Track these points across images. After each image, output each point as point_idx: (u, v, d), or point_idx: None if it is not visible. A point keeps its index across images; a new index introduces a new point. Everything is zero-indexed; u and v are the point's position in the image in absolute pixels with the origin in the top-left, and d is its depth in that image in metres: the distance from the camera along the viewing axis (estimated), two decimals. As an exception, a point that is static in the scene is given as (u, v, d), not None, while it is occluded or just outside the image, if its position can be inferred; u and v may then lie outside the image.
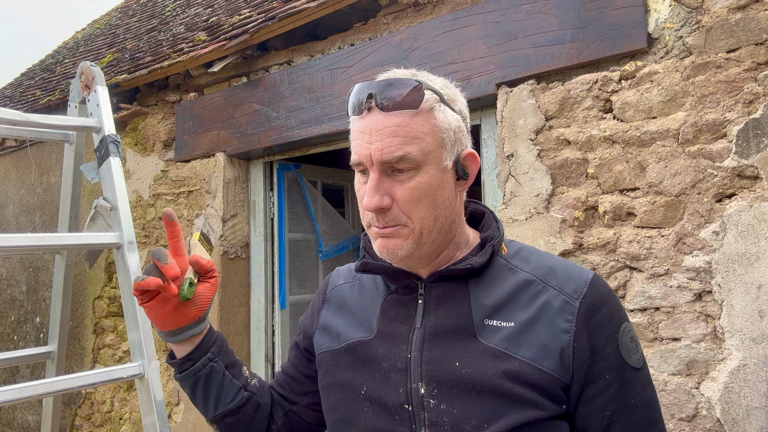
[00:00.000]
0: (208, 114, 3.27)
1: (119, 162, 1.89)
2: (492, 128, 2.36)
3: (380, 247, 0.92)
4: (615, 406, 0.89)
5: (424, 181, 0.90)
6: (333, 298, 1.12)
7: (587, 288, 0.92)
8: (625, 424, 0.89)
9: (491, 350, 0.89)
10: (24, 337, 4.34)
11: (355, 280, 1.11)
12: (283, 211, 3.34)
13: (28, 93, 5.08)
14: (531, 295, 0.92)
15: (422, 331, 0.93)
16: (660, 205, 1.84)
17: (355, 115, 0.92)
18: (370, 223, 0.93)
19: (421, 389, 0.90)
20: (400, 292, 1.00)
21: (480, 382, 0.88)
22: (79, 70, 2.02)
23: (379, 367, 0.96)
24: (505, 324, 0.91)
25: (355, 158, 0.91)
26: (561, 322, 0.89)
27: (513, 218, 2.14)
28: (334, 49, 2.81)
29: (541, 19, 2.10)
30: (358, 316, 1.04)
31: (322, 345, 1.07)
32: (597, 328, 0.90)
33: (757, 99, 1.70)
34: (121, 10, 6.60)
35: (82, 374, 1.59)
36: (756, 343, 1.67)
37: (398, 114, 0.88)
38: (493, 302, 0.93)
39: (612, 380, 0.89)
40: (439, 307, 0.95)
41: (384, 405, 0.93)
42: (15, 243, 1.61)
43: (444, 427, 0.88)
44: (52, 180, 4.22)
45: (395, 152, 0.87)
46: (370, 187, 0.88)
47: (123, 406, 3.68)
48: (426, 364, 0.91)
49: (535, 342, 0.88)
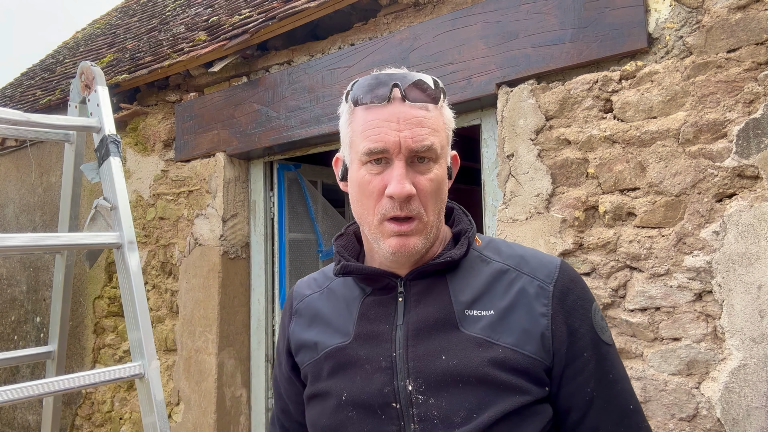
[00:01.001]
0: (209, 114, 3.27)
1: (119, 162, 1.89)
2: (492, 128, 2.36)
3: (396, 246, 0.91)
4: (594, 382, 0.93)
5: (439, 174, 0.93)
6: (302, 310, 1.08)
7: (558, 272, 0.96)
8: (606, 398, 0.93)
9: (474, 339, 0.91)
10: (24, 336, 4.34)
11: (323, 289, 1.08)
12: (283, 211, 3.34)
13: (28, 93, 5.08)
14: (506, 283, 0.96)
15: (405, 329, 0.94)
16: (660, 205, 1.84)
17: (371, 105, 0.92)
18: (385, 214, 0.90)
19: (409, 386, 0.91)
20: (377, 293, 0.99)
21: (467, 373, 0.89)
22: (79, 70, 2.02)
23: (361, 369, 0.94)
24: (485, 313, 0.93)
25: (379, 146, 0.89)
26: (538, 306, 0.93)
27: (513, 218, 2.14)
28: (335, 49, 2.81)
29: (541, 19, 2.10)
30: (333, 323, 1.01)
31: (303, 360, 1.04)
32: (572, 309, 0.94)
33: (757, 99, 1.70)
34: (122, 10, 6.60)
35: (83, 374, 1.59)
36: (756, 343, 1.67)
37: (422, 107, 0.91)
38: (471, 293, 0.95)
39: (590, 357, 0.93)
40: (419, 303, 0.96)
41: (369, 407, 0.92)
42: (15, 243, 1.61)
43: (433, 421, 0.89)
44: (53, 180, 4.22)
45: (424, 141, 0.90)
46: (399, 174, 0.89)
47: (123, 406, 3.68)
48: (412, 361, 0.91)
49: (516, 328, 0.91)
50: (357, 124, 0.94)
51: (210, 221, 3.23)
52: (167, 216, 3.49)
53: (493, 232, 2.31)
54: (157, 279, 3.51)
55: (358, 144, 0.92)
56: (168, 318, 3.44)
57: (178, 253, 3.39)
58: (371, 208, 0.92)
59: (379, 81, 0.92)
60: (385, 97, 0.91)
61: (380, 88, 0.91)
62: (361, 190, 0.93)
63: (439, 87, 0.94)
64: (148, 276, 3.55)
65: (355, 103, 0.94)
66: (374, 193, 0.91)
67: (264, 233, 3.27)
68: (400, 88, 0.91)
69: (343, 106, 1.00)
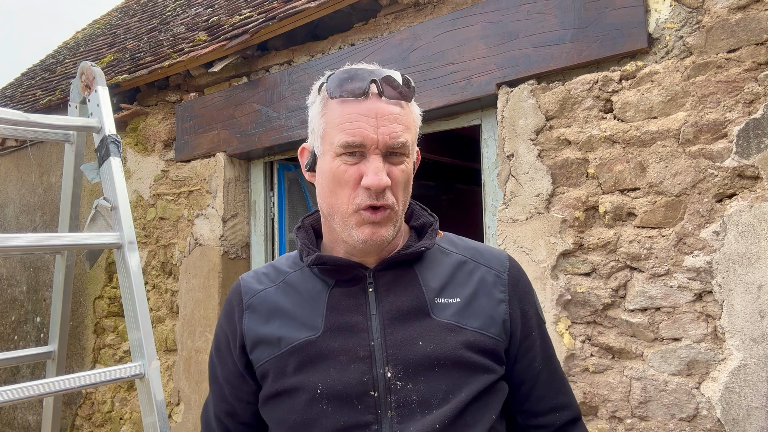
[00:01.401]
0: (209, 114, 3.27)
1: (120, 162, 1.89)
2: (492, 128, 2.36)
3: (369, 234, 0.94)
4: (541, 357, 1.06)
5: (408, 168, 0.98)
6: (257, 305, 1.04)
7: (509, 263, 1.08)
8: (549, 371, 1.07)
9: (446, 325, 0.97)
10: (24, 337, 4.34)
11: (278, 283, 1.05)
12: (283, 211, 3.34)
13: (28, 93, 5.08)
14: (467, 273, 1.04)
15: (379, 318, 0.97)
16: (660, 205, 1.84)
17: (347, 99, 0.94)
18: (360, 204, 0.93)
19: (388, 373, 0.94)
20: (344, 285, 1.01)
21: (444, 357, 0.95)
22: (79, 70, 2.02)
23: (335, 361, 0.95)
24: (453, 300, 1.00)
25: (357, 140, 0.91)
26: (497, 293, 1.03)
27: (513, 218, 2.14)
28: (335, 49, 2.81)
29: (541, 19, 2.10)
30: (297, 317, 1.00)
31: (261, 357, 1.00)
32: (522, 294, 1.07)
33: (757, 99, 1.70)
34: (122, 10, 6.60)
35: (83, 374, 1.59)
36: (756, 343, 1.67)
37: (396, 103, 0.94)
38: (439, 282, 1.02)
39: (536, 336, 1.07)
40: (390, 292, 0.99)
41: (345, 398, 0.93)
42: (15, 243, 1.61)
43: (411, 405, 0.93)
44: (53, 180, 4.22)
45: (400, 138, 0.93)
46: (376, 167, 0.91)
47: (123, 406, 3.68)
48: (390, 348, 0.95)
49: (481, 313, 1.00)
50: (332, 117, 0.95)
51: (210, 221, 3.24)
52: (167, 216, 3.49)
53: (494, 232, 2.31)
54: (158, 279, 3.51)
55: (334, 136, 0.94)
56: (168, 318, 3.44)
57: (179, 253, 3.39)
58: (345, 198, 0.94)
59: (357, 75, 0.94)
60: (363, 91, 0.92)
61: (357, 83, 0.93)
62: (336, 179, 0.95)
63: (410, 85, 0.97)
64: (149, 276, 3.55)
65: (330, 95, 0.96)
66: (350, 183, 0.93)
67: (264, 233, 3.27)
68: (378, 84, 0.93)
69: (314, 96, 1.01)
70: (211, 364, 1.12)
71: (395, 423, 0.92)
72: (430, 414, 0.93)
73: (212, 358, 1.12)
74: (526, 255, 2.09)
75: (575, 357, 1.98)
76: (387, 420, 0.93)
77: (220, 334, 1.09)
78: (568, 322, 2.00)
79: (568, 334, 2.00)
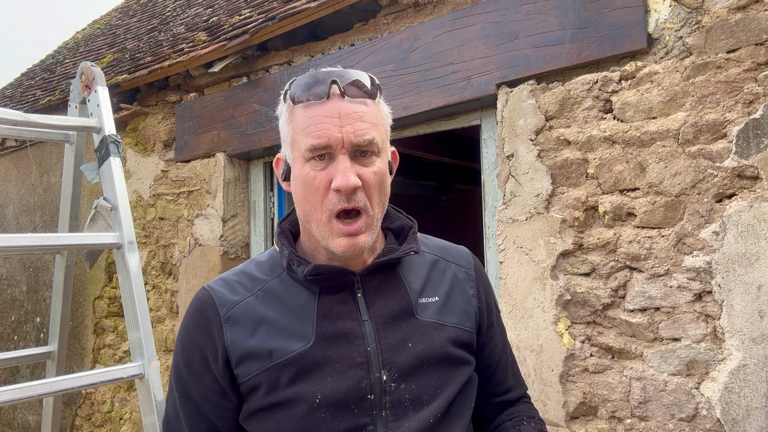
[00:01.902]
0: (209, 114, 3.27)
1: (119, 162, 1.89)
2: (492, 128, 2.36)
3: (346, 246, 0.93)
4: (501, 344, 1.16)
5: (382, 167, 0.96)
6: (238, 316, 0.98)
7: (473, 260, 1.16)
8: (506, 355, 1.18)
9: (430, 324, 1.02)
10: (24, 337, 4.34)
11: (256, 292, 1.01)
12: (283, 211, 3.34)
13: (28, 93, 5.08)
14: (440, 271, 1.09)
15: (371, 323, 0.99)
16: (660, 206, 1.85)
17: (310, 102, 0.93)
18: (333, 209, 0.92)
19: (384, 376, 0.96)
20: (330, 292, 1.00)
21: (431, 355, 0.99)
22: (79, 70, 2.02)
23: (331, 369, 0.95)
24: (432, 299, 1.05)
25: (322, 141, 0.91)
26: (468, 289, 1.10)
27: (513, 218, 2.14)
28: (335, 49, 2.81)
29: (541, 20, 2.10)
30: (285, 327, 0.97)
31: (249, 370, 0.96)
32: (485, 287, 1.14)
33: (757, 99, 1.70)
34: (122, 10, 6.60)
35: (83, 374, 1.59)
36: (756, 343, 1.67)
37: (360, 102, 0.94)
38: (419, 283, 1.05)
39: (497, 326, 1.16)
40: (378, 296, 1.01)
41: (343, 404, 0.94)
42: (15, 243, 1.61)
43: (405, 404, 0.96)
44: (53, 180, 4.22)
45: (366, 135, 0.92)
46: (344, 167, 0.91)
47: (123, 406, 3.68)
48: (385, 352, 0.97)
49: (457, 309, 1.06)
50: (298, 122, 0.95)
51: (210, 221, 3.24)
52: (167, 216, 3.49)
53: (494, 232, 2.31)
54: (157, 279, 3.51)
55: (301, 141, 0.94)
56: (168, 318, 3.44)
57: (178, 253, 3.39)
58: (318, 204, 0.94)
59: (317, 78, 0.94)
60: (325, 93, 0.92)
61: (319, 86, 0.93)
62: (307, 186, 0.94)
63: (375, 83, 0.97)
64: (148, 276, 3.55)
65: (294, 101, 0.96)
66: (320, 189, 0.93)
67: (264, 233, 3.27)
68: (339, 85, 0.93)
69: (281, 105, 1.01)
70: (178, 381, 1.02)
71: (390, 422, 0.95)
72: (422, 410, 0.96)
73: (180, 375, 1.02)
74: (525, 255, 2.09)
75: (575, 357, 1.98)
76: (381, 420, 0.95)
77: (192, 348, 1.00)
78: (568, 322, 2.01)
79: (568, 334, 2.00)
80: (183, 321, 1.04)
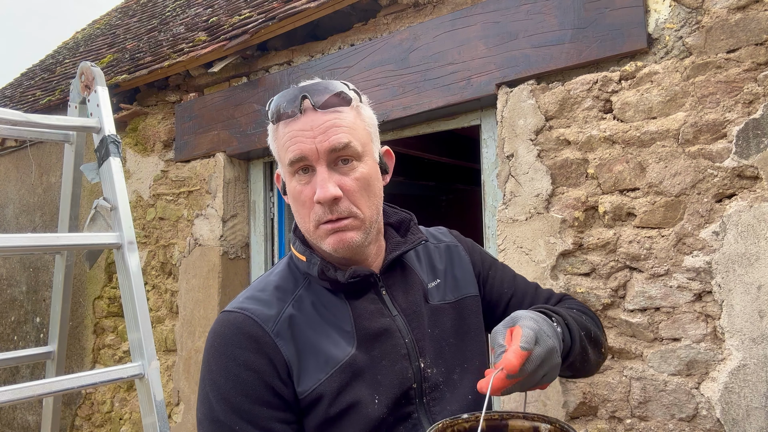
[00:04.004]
0: (208, 114, 3.27)
1: (119, 162, 1.89)
2: (492, 128, 2.36)
3: (334, 242, 0.96)
4: (510, 275, 1.22)
5: (365, 171, 0.98)
6: (284, 330, 0.95)
7: (449, 232, 1.25)
8: (521, 278, 1.23)
9: (439, 307, 1.08)
10: (24, 337, 4.34)
11: (291, 302, 1.00)
12: (283, 211, 3.34)
13: (28, 93, 5.08)
14: (435, 254, 1.17)
15: (402, 317, 1.03)
16: (660, 206, 1.84)
17: (287, 119, 0.97)
18: (319, 220, 0.96)
19: (421, 364, 1.01)
20: (357, 294, 1.02)
21: (449, 335, 1.06)
22: (79, 70, 2.02)
23: (381, 367, 0.98)
24: (435, 283, 1.11)
25: (296, 155, 0.94)
26: (461, 255, 1.18)
27: (513, 218, 2.14)
28: (334, 49, 2.81)
29: (541, 20, 2.10)
30: (329, 334, 0.97)
31: (309, 383, 0.93)
32: (470, 246, 1.24)
33: (757, 99, 1.70)
34: (121, 10, 6.60)
35: (82, 374, 1.59)
36: (756, 343, 1.67)
37: (333, 111, 0.96)
38: (425, 270, 1.12)
39: (496, 267, 1.22)
40: (399, 290, 1.06)
41: (396, 400, 0.97)
42: (15, 243, 1.61)
43: (440, 387, 1.02)
44: (52, 180, 4.22)
45: (341, 139, 0.94)
46: (321, 179, 0.93)
47: (123, 407, 3.68)
48: (419, 342, 1.03)
49: (458, 280, 1.14)
50: (280, 139, 0.99)
51: (210, 221, 3.24)
52: (167, 216, 3.49)
53: (493, 232, 2.31)
54: (157, 279, 3.51)
55: (284, 157, 0.97)
56: (168, 318, 3.44)
57: (178, 253, 3.39)
58: (306, 216, 0.98)
59: (290, 95, 0.97)
60: (297, 109, 0.95)
61: (292, 102, 0.96)
62: (295, 200, 0.99)
63: (349, 88, 1.00)
64: (148, 276, 3.55)
65: (274, 121, 1.00)
66: (306, 203, 0.96)
67: (264, 233, 3.27)
68: (309, 98, 0.95)
69: (269, 125, 1.04)
70: (229, 424, 0.90)
71: (431, 407, 1.00)
72: (456, 390, 1.03)
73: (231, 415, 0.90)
74: (525, 255, 2.09)
75: (575, 357, 1.98)
76: (423, 406, 1.00)
77: (243, 374, 0.91)
78: (568, 323, 2.00)
79: (568, 334, 2.00)
80: (215, 351, 0.95)
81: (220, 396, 0.92)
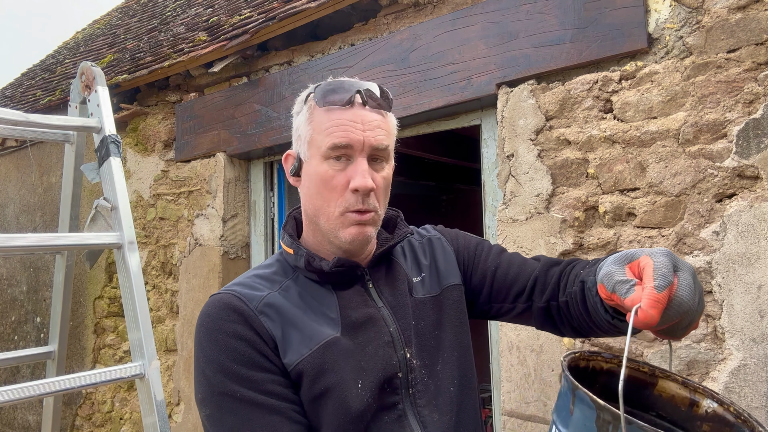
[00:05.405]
0: (209, 114, 3.27)
1: (120, 162, 1.89)
2: (492, 128, 2.36)
3: (356, 232, 1.01)
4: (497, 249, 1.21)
5: (388, 176, 1.06)
6: (267, 310, 0.97)
7: (437, 229, 1.26)
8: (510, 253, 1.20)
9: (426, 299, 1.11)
10: (24, 337, 4.35)
11: (278, 290, 1.02)
12: (283, 211, 3.34)
13: (28, 93, 5.08)
14: (419, 248, 1.19)
15: (387, 309, 1.06)
16: (660, 205, 1.84)
17: (334, 106, 1.02)
18: (349, 207, 1.00)
19: (407, 354, 1.03)
20: (344, 286, 1.06)
21: (434, 326, 1.08)
22: (79, 70, 2.02)
23: (364, 353, 1.00)
24: (422, 275, 1.14)
25: (343, 141, 0.99)
26: (447, 247, 1.20)
27: (513, 218, 2.14)
28: (335, 49, 2.81)
29: (541, 19, 2.10)
30: (314, 317, 1.00)
31: (294, 354, 0.95)
32: (453, 235, 1.25)
33: (757, 99, 1.70)
34: (122, 10, 6.60)
35: (83, 374, 1.59)
36: (756, 343, 1.67)
37: (378, 112, 1.04)
38: (410, 264, 1.15)
39: (482, 246, 1.21)
40: (385, 284, 1.09)
41: (380, 386, 0.99)
42: (15, 243, 1.61)
43: (424, 378, 1.04)
44: (53, 180, 4.22)
45: (383, 141, 1.02)
46: (363, 169, 0.99)
47: (123, 406, 3.68)
48: (405, 332, 1.05)
49: (441, 272, 1.15)
50: (319, 123, 1.03)
51: (210, 221, 3.24)
52: (167, 216, 3.49)
53: (494, 232, 2.31)
54: (158, 279, 3.51)
55: (322, 140, 1.01)
56: (168, 318, 3.44)
57: (179, 253, 3.39)
58: (333, 201, 1.01)
59: (342, 86, 1.03)
60: (349, 100, 1.01)
61: (344, 93, 1.02)
62: (324, 183, 1.02)
63: (389, 97, 1.06)
64: (149, 276, 3.55)
65: (318, 105, 1.03)
66: (338, 188, 1.00)
67: (264, 233, 3.27)
68: (362, 95, 1.02)
69: (300, 106, 1.09)
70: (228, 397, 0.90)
71: (416, 399, 1.01)
72: (440, 381, 1.04)
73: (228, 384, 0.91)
74: (526, 255, 2.09)
75: (575, 357, 1.98)
76: (409, 397, 1.01)
77: (234, 343, 0.93)
78: (568, 322, 2.00)
79: (568, 334, 2.00)
80: (204, 328, 0.96)
81: (216, 368, 0.93)
